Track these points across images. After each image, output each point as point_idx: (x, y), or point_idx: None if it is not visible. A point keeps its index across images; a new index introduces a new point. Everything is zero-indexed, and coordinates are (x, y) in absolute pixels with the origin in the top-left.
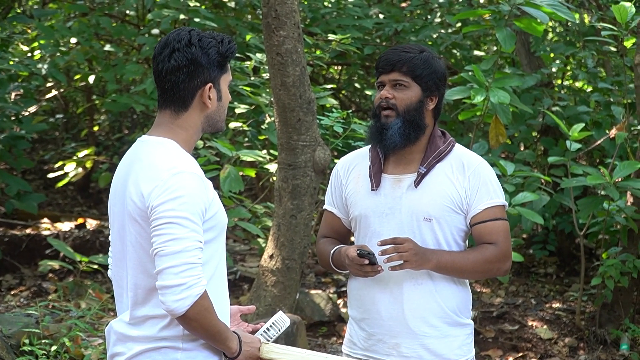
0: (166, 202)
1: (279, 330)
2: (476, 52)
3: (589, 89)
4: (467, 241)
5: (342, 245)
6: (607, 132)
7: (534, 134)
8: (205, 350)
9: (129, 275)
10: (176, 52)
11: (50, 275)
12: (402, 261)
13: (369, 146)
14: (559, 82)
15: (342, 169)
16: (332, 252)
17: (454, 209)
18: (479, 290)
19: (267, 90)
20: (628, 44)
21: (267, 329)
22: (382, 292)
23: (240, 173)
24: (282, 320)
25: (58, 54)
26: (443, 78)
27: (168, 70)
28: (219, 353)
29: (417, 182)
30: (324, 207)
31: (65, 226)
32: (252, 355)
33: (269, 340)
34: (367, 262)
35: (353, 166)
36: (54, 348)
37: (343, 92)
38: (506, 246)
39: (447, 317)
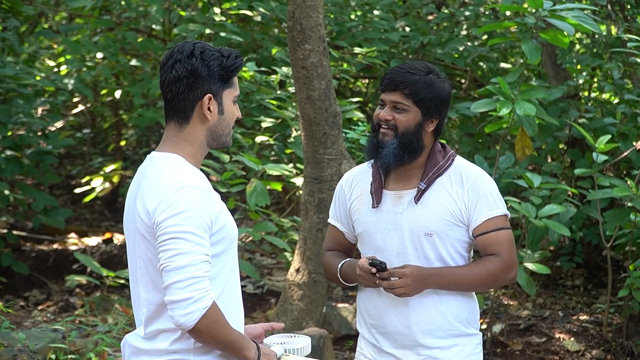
0: (170, 218)
1: (298, 354)
2: (503, 65)
3: (616, 101)
4: (472, 252)
5: (349, 259)
6: (634, 143)
7: (561, 146)
8: None
9: (142, 291)
10: (178, 63)
11: (78, 290)
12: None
13: (372, 161)
14: (586, 94)
15: (346, 184)
16: (339, 265)
17: (454, 223)
18: (506, 302)
19: (293, 104)
20: None
21: (290, 350)
22: (389, 307)
23: (267, 187)
24: (306, 349)
25: (84, 69)
26: (446, 101)
27: (169, 81)
28: None
29: (417, 198)
30: (329, 220)
31: (93, 241)
32: None
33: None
34: (374, 270)
35: (357, 182)
36: None
37: (370, 105)
38: (509, 256)
39: (454, 329)
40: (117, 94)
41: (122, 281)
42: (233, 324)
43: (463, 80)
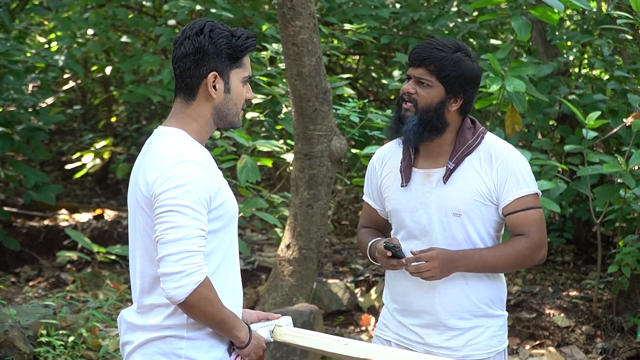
0: (168, 190)
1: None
2: (493, 41)
3: (606, 77)
4: (502, 230)
5: (378, 238)
6: (624, 120)
7: (551, 122)
8: (211, 339)
9: (138, 264)
10: (187, 39)
11: (69, 266)
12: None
13: (401, 138)
14: (576, 70)
15: (377, 162)
16: (369, 244)
17: (483, 202)
18: None
19: (284, 80)
20: None
21: (271, 327)
22: (414, 286)
23: (258, 163)
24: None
25: (75, 45)
26: (472, 81)
27: (178, 57)
28: (226, 342)
29: (445, 178)
30: (363, 197)
31: (84, 217)
32: (260, 348)
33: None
34: (390, 254)
35: (387, 159)
36: (71, 339)
37: (360, 81)
38: (539, 235)
39: (479, 310)
40: (108, 70)
41: (113, 257)
42: (229, 301)
43: None
